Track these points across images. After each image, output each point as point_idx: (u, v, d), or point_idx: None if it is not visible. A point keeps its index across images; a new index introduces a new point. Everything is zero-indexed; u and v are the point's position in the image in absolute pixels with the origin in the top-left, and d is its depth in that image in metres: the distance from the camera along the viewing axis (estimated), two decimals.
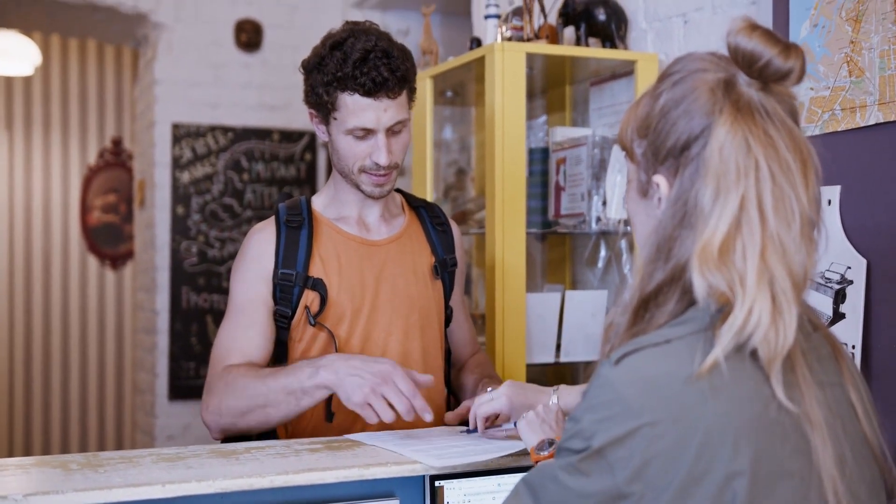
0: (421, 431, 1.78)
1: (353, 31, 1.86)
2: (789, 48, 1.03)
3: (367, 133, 1.85)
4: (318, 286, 1.88)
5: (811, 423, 1.00)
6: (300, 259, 1.89)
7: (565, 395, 1.67)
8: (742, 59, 1.03)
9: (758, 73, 1.03)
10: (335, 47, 1.84)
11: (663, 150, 1.06)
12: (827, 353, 1.10)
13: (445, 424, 1.87)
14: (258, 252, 1.91)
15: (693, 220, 1.01)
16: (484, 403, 1.70)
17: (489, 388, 1.81)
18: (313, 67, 1.87)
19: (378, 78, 1.81)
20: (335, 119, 1.87)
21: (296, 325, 1.90)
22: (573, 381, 2.92)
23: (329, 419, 1.87)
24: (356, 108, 1.83)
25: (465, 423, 1.81)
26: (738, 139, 1.01)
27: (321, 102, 1.87)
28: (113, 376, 6.49)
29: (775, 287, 0.99)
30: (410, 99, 1.91)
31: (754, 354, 0.99)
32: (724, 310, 1.00)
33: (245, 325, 1.88)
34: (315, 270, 1.90)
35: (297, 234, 1.91)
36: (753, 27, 1.03)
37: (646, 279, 1.05)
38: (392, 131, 1.87)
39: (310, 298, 1.89)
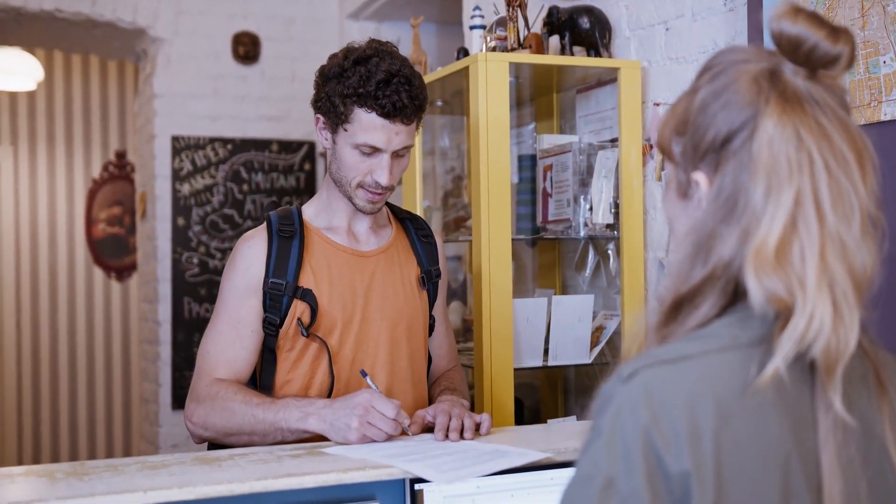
0: (406, 441, 1.78)
1: (379, 50, 1.89)
2: (837, 31, 0.96)
3: (374, 151, 1.89)
4: (308, 297, 1.92)
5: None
6: (290, 269, 1.92)
7: None
8: (787, 45, 0.96)
9: (804, 59, 0.96)
10: (358, 62, 1.87)
11: (703, 145, 0.98)
12: (869, 382, 0.99)
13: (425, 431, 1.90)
14: (249, 261, 1.95)
15: (738, 218, 0.94)
16: None
17: (445, 398, 1.87)
18: (332, 77, 1.90)
19: (399, 102, 1.85)
20: (345, 130, 1.90)
21: (284, 334, 1.93)
22: (563, 383, 2.95)
23: None
24: (370, 126, 1.87)
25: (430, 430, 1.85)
26: (789, 131, 0.93)
27: (334, 111, 1.90)
28: (120, 387, 6.54)
29: (836, 290, 0.91)
30: (418, 127, 1.95)
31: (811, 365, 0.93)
32: (780, 317, 0.93)
33: (234, 339, 1.93)
34: (305, 281, 1.93)
35: (289, 244, 1.94)
36: (798, 10, 0.95)
37: (682, 278, 0.98)
38: (396, 154, 1.91)
39: (300, 309, 1.92)
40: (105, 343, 6.54)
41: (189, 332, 4.78)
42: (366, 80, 1.84)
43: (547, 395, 2.99)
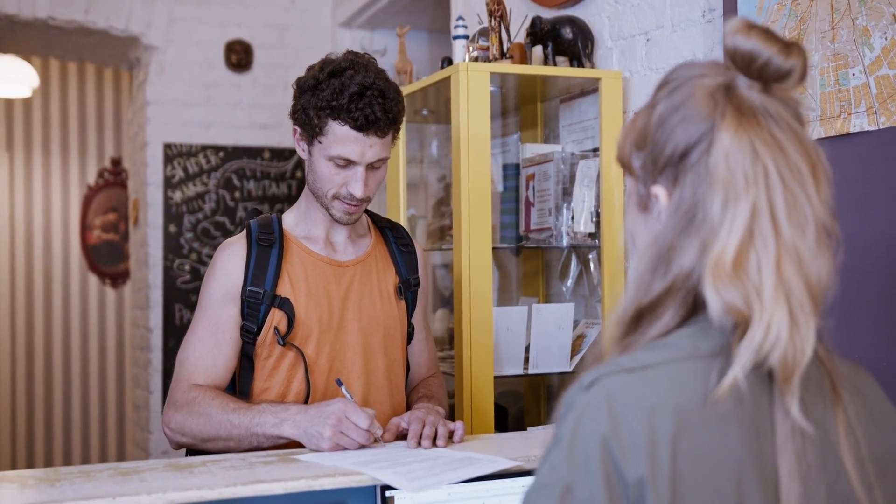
0: (379, 448, 1.79)
1: (354, 62, 1.90)
2: (790, 46, 0.98)
3: (349, 163, 1.91)
4: (285, 305, 1.94)
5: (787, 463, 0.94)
6: (269, 278, 1.94)
7: None
8: (741, 60, 0.98)
9: (758, 73, 0.98)
10: (333, 75, 1.88)
11: (661, 159, 1.01)
12: (825, 389, 1.00)
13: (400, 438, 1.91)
14: (228, 269, 1.97)
15: (697, 230, 0.97)
16: None
17: (421, 406, 1.87)
18: (308, 89, 1.91)
19: (371, 116, 1.86)
20: (320, 143, 1.91)
21: (261, 342, 1.95)
22: (545, 391, 2.97)
23: None
24: (344, 139, 1.88)
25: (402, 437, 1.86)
26: (744, 145, 0.95)
27: (309, 124, 1.91)
28: (114, 393, 6.55)
29: (792, 300, 0.93)
30: (394, 139, 1.97)
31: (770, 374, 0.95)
32: (738, 327, 0.95)
33: (212, 345, 1.95)
34: (283, 290, 1.95)
35: (268, 252, 1.96)
36: (751, 26, 0.97)
37: (643, 290, 1.00)
38: (372, 167, 1.93)
39: (277, 318, 1.94)
40: (99, 349, 6.56)
41: (180, 339, 4.76)
42: (339, 93, 1.86)
43: (530, 402, 3.00)
